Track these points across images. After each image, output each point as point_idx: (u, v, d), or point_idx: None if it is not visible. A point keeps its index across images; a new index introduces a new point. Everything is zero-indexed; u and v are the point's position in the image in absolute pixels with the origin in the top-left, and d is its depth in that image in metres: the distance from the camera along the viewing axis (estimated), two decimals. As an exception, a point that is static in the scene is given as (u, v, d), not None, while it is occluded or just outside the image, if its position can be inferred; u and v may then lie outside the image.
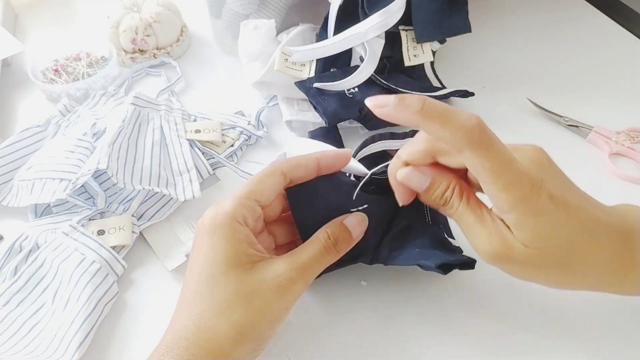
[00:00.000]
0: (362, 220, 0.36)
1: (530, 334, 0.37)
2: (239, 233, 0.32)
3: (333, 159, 0.36)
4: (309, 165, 0.35)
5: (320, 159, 0.35)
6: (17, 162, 0.49)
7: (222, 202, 0.34)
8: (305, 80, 0.51)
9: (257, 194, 0.34)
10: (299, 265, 0.32)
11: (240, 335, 0.30)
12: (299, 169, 0.35)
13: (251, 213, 0.33)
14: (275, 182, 0.34)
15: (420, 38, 0.53)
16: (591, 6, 0.68)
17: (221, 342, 0.30)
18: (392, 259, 0.38)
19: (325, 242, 0.34)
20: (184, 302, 0.32)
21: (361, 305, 0.40)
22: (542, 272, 0.32)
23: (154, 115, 0.51)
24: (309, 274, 0.33)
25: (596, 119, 0.52)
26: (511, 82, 0.58)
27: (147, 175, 0.45)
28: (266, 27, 0.54)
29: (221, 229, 0.32)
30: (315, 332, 0.38)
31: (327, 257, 0.34)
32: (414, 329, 0.38)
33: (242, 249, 0.32)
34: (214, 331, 0.30)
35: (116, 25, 0.61)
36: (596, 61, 0.60)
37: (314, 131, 0.51)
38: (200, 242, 0.33)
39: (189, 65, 0.63)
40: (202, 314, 0.31)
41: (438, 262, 0.35)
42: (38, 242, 0.43)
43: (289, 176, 0.35)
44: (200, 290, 0.31)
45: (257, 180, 0.34)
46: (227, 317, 0.30)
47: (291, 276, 0.32)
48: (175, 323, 0.31)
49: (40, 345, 0.38)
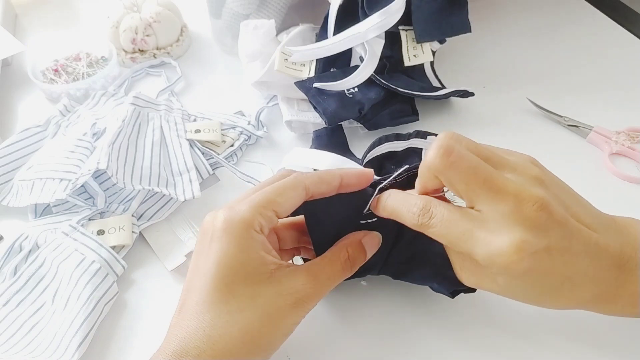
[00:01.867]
0: (378, 241, 0.36)
1: (529, 340, 0.37)
2: (255, 241, 0.31)
3: (356, 178, 0.34)
4: (332, 183, 0.34)
5: (344, 178, 0.34)
6: (17, 162, 0.49)
7: (237, 206, 0.32)
8: (305, 80, 0.51)
9: (277, 205, 0.32)
10: (318, 283, 0.32)
11: (253, 347, 0.30)
12: (322, 185, 0.34)
13: (268, 223, 0.32)
14: (296, 195, 0.33)
15: (420, 38, 0.53)
16: (591, 6, 0.68)
17: (234, 353, 0.29)
18: (401, 274, 0.38)
19: (344, 262, 0.34)
20: (191, 307, 0.31)
21: (361, 306, 0.40)
22: (520, 300, 0.31)
23: (154, 115, 0.51)
24: (325, 291, 0.33)
25: (596, 119, 0.52)
26: (511, 82, 0.58)
27: (147, 175, 0.45)
28: (266, 27, 0.54)
29: (237, 236, 0.31)
30: (315, 332, 0.38)
31: (343, 275, 0.34)
32: (413, 328, 0.38)
33: (259, 258, 0.31)
34: (227, 341, 0.29)
35: (116, 25, 0.61)
36: (596, 61, 0.60)
37: (319, 131, 0.51)
38: (211, 245, 0.31)
39: (189, 65, 0.63)
40: (214, 322, 0.30)
41: (451, 288, 0.35)
42: (38, 242, 0.43)
43: (311, 191, 0.33)
44: (212, 299, 0.30)
45: (280, 192, 0.33)
46: (242, 329, 0.30)
47: (309, 293, 0.31)
48: (182, 329, 0.30)
49: (40, 345, 0.38)
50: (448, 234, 0.29)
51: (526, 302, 0.31)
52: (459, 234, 0.29)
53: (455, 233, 0.29)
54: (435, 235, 0.30)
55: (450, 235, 0.29)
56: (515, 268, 0.27)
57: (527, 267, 0.28)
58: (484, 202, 0.28)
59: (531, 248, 0.27)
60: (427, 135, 0.46)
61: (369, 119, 0.51)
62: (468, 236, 0.28)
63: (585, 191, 0.33)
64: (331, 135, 0.50)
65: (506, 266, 0.28)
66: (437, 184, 0.31)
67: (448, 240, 0.30)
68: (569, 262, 0.29)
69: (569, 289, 0.30)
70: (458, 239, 0.29)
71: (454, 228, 0.29)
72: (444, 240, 0.30)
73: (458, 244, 0.29)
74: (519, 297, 0.31)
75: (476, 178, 0.28)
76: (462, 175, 0.28)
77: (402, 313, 0.39)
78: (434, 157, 0.29)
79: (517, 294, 0.31)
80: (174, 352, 0.29)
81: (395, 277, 0.39)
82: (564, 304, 0.31)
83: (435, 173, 0.29)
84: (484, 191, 0.28)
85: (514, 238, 0.27)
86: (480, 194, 0.28)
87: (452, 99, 0.55)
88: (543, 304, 0.31)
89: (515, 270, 0.28)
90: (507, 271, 0.28)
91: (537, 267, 0.28)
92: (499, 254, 0.27)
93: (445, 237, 0.30)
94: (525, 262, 0.27)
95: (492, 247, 0.28)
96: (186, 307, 0.31)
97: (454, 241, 0.29)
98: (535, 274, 0.28)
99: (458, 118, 0.54)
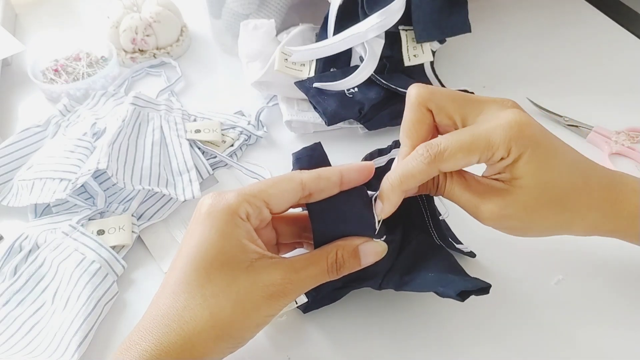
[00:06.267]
0: (379, 252, 0.34)
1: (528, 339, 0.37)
2: (239, 228, 0.31)
3: (357, 173, 0.33)
4: (332, 179, 0.33)
5: (344, 172, 0.33)
6: (17, 162, 0.49)
7: (225, 193, 0.32)
8: (305, 80, 0.51)
9: (267, 196, 0.32)
10: (296, 279, 0.31)
11: (223, 333, 0.30)
12: (321, 181, 0.32)
13: (256, 212, 0.32)
14: (290, 189, 0.32)
15: (420, 38, 0.53)
16: (591, 6, 0.68)
17: (202, 336, 0.30)
18: (404, 284, 0.36)
19: (330, 264, 0.32)
20: (169, 286, 0.31)
21: (361, 306, 0.39)
22: (540, 214, 0.33)
23: (154, 115, 0.51)
24: (304, 289, 0.32)
25: (596, 119, 0.52)
26: (511, 82, 0.58)
27: (147, 175, 0.46)
28: (266, 27, 0.54)
29: (219, 221, 0.31)
30: (314, 332, 0.38)
31: (326, 277, 0.33)
32: (413, 330, 0.38)
33: (240, 246, 0.31)
34: (197, 324, 0.29)
35: (116, 25, 0.61)
36: (596, 61, 0.60)
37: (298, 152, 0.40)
38: (195, 228, 0.31)
39: (189, 65, 0.63)
40: (187, 304, 0.30)
41: (457, 289, 0.33)
42: (38, 241, 0.43)
43: (309, 188, 0.32)
44: (188, 280, 0.30)
45: (271, 183, 0.32)
46: (213, 314, 0.30)
47: (285, 288, 0.31)
48: (157, 307, 0.31)
49: (40, 345, 0.38)
50: (462, 145, 0.31)
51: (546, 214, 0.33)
52: (471, 139, 0.31)
53: (467, 140, 0.31)
54: (453, 155, 0.31)
55: (464, 145, 0.31)
56: (528, 134, 0.31)
57: (537, 133, 0.31)
58: (474, 112, 0.33)
59: (528, 118, 0.32)
60: None
61: (368, 119, 0.51)
62: (478, 135, 0.31)
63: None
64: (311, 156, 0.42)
65: (520, 135, 0.31)
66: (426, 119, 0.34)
67: (465, 150, 0.31)
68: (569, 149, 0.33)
69: (578, 191, 0.33)
70: (473, 143, 0.31)
71: (463, 136, 0.32)
72: (462, 155, 0.31)
73: (475, 147, 0.31)
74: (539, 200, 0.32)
75: (462, 96, 0.33)
76: (448, 96, 0.33)
77: (403, 314, 0.39)
78: (417, 90, 0.33)
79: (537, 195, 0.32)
80: (146, 329, 0.30)
81: (398, 288, 0.37)
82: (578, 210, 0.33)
83: (424, 102, 0.33)
84: (472, 103, 0.33)
85: (514, 113, 0.32)
86: (470, 106, 0.33)
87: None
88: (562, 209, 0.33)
89: (529, 138, 0.31)
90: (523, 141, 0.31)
91: (544, 138, 0.32)
92: (510, 126, 0.31)
93: (462, 149, 0.31)
94: (534, 127, 0.31)
95: (502, 125, 0.31)
96: (166, 285, 0.31)
97: (470, 148, 0.31)
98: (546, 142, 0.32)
99: (458, 118, 0.54)
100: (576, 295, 0.39)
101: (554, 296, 0.39)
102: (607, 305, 0.39)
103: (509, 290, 0.40)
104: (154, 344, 0.29)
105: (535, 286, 0.40)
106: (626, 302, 0.39)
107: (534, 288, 0.40)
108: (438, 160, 0.31)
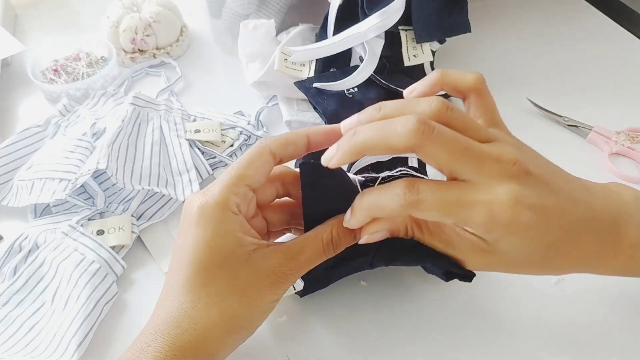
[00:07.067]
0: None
1: (527, 341, 0.37)
2: (232, 223, 0.31)
3: (324, 135, 0.33)
4: (298, 143, 0.33)
5: (311, 135, 0.33)
6: (17, 162, 0.49)
7: (209, 190, 0.32)
8: (305, 80, 0.51)
9: (248, 179, 0.32)
10: (294, 264, 0.32)
11: (233, 326, 0.31)
12: (289, 146, 0.33)
13: (243, 199, 0.32)
14: (264, 162, 0.32)
15: (420, 38, 0.53)
16: (591, 6, 0.68)
17: (214, 332, 0.30)
18: (394, 259, 0.37)
19: (327, 243, 0.33)
20: (174, 288, 0.31)
21: (360, 306, 0.40)
22: (527, 271, 0.32)
23: (154, 115, 0.51)
24: (304, 270, 0.33)
25: (596, 119, 0.52)
26: (511, 82, 0.58)
27: (146, 175, 0.46)
28: (266, 27, 0.54)
29: (213, 220, 0.31)
30: (314, 332, 0.38)
31: (324, 257, 0.33)
32: (413, 329, 0.38)
33: (237, 240, 0.31)
34: (207, 321, 0.30)
35: (116, 25, 0.61)
36: (596, 61, 0.60)
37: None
38: (188, 230, 0.32)
39: (189, 65, 0.63)
40: (195, 304, 0.30)
41: (444, 268, 0.34)
42: (37, 242, 0.43)
43: (279, 155, 0.33)
44: (191, 282, 0.31)
45: (246, 163, 0.32)
46: (221, 310, 0.30)
47: (285, 272, 0.32)
48: (165, 309, 0.31)
49: (39, 345, 0.38)
50: (442, 205, 0.28)
51: (532, 269, 0.32)
52: (454, 202, 0.28)
53: (449, 202, 0.28)
54: (427, 210, 0.28)
55: (444, 206, 0.28)
56: (517, 222, 0.27)
57: (528, 220, 0.28)
58: (467, 169, 0.28)
59: (527, 199, 0.27)
60: None
61: (368, 119, 0.51)
62: (463, 202, 0.28)
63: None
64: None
65: (508, 223, 0.27)
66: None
67: (443, 211, 0.28)
68: (565, 213, 0.29)
69: (571, 244, 0.30)
70: (453, 207, 0.28)
71: (447, 196, 0.28)
72: (438, 214, 0.28)
73: (454, 214, 0.28)
74: (525, 262, 0.31)
75: (458, 147, 0.27)
76: (443, 146, 0.27)
77: (403, 313, 0.39)
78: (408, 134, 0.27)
79: (522, 259, 0.30)
80: (156, 330, 0.30)
81: (388, 262, 0.37)
82: (568, 263, 0.31)
83: (414, 149, 0.27)
84: (467, 158, 0.28)
85: (509, 191, 0.27)
86: (464, 161, 0.28)
87: (452, 99, 0.55)
88: (549, 266, 0.31)
89: (518, 225, 0.28)
90: (509, 229, 0.28)
91: (537, 221, 0.28)
92: (498, 211, 0.27)
93: (440, 209, 0.28)
94: (526, 214, 0.27)
95: (490, 206, 0.27)
96: (170, 286, 0.32)
97: (449, 212, 0.28)
98: (536, 228, 0.28)
99: (458, 118, 0.54)
100: (576, 295, 0.39)
101: (554, 296, 0.39)
102: (607, 305, 0.39)
103: (509, 290, 0.40)
104: (167, 345, 0.30)
105: (535, 286, 0.40)
106: (627, 302, 0.39)
107: (534, 288, 0.40)
108: (411, 208, 0.28)
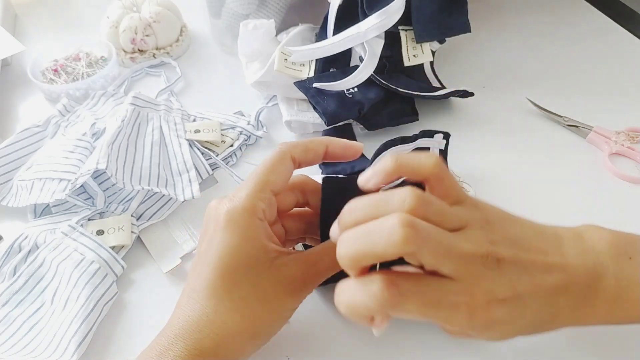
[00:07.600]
0: None
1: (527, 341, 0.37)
2: (259, 229, 0.32)
3: (342, 149, 0.35)
4: (318, 151, 0.34)
5: (330, 145, 0.35)
6: (17, 162, 0.49)
7: (236, 195, 0.33)
8: (305, 80, 0.51)
9: (272, 185, 0.33)
10: (316, 272, 0.33)
11: (255, 332, 0.31)
12: (309, 153, 0.34)
13: (269, 206, 0.33)
14: (286, 168, 0.34)
15: (419, 38, 0.53)
16: (591, 6, 0.68)
17: (237, 339, 0.31)
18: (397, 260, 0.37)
19: None
20: (197, 292, 0.31)
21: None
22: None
23: (154, 115, 0.51)
24: (323, 279, 0.33)
25: (596, 119, 0.52)
26: (511, 82, 0.58)
27: (146, 175, 0.45)
28: (265, 27, 0.54)
29: (240, 226, 0.32)
30: (314, 332, 0.38)
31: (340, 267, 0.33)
32: (414, 329, 0.38)
33: (262, 246, 0.32)
34: (230, 327, 0.30)
35: (116, 25, 0.61)
36: (596, 61, 0.60)
37: (327, 130, 0.51)
38: (214, 235, 0.32)
39: (189, 65, 0.63)
40: (217, 309, 0.31)
41: None
42: (37, 242, 0.43)
43: (299, 161, 0.34)
44: (215, 286, 0.31)
45: (270, 169, 0.33)
46: (244, 315, 0.31)
47: (305, 281, 0.32)
48: (185, 313, 0.31)
49: (39, 345, 0.38)
50: (424, 306, 0.26)
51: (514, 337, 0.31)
52: (435, 303, 0.26)
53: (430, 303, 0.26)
54: (407, 313, 0.26)
55: (425, 307, 0.26)
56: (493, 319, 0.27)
57: (502, 315, 0.27)
58: (450, 268, 0.26)
59: (501, 294, 0.27)
60: (434, 134, 0.44)
61: (368, 119, 0.51)
62: (444, 304, 0.27)
63: (585, 191, 0.33)
64: (341, 136, 0.48)
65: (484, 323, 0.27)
66: None
67: (423, 313, 0.27)
68: (541, 287, 0.28)
69: (548, 315, 0.29)
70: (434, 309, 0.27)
71: (428, 297, 0.26)
72: (418, 316, 0.27)
73: (434, 315, 0.27)
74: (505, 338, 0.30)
75: (442, 249, 0.26)
76: (429, 250, 0.26)
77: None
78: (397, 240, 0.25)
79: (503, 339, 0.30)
80: (177, 335, 0.30)
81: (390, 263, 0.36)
82: (548, 329, 0.30)
83: (403, 254, 0.26)
84: (450, 258, 0.26)
85: (485, 294, 0.27)
86: (447, 262, 0.26)
87: (452, 99, 0.55)
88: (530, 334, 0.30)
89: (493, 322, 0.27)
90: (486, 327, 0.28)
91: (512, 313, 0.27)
92: (477, 313, 0.27)
93: (420, 311, 0.26)
94: (499, 310, 0.27)
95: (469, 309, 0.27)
96: (192, 290, 0.32)
97: (429, 314, 0.27)
98: (511, 320, 0.28)
99: (458, 118, 0.54)
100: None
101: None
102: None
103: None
104: (187, 350, 0.30)
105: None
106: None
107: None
108: (390, 309, 0.26)
